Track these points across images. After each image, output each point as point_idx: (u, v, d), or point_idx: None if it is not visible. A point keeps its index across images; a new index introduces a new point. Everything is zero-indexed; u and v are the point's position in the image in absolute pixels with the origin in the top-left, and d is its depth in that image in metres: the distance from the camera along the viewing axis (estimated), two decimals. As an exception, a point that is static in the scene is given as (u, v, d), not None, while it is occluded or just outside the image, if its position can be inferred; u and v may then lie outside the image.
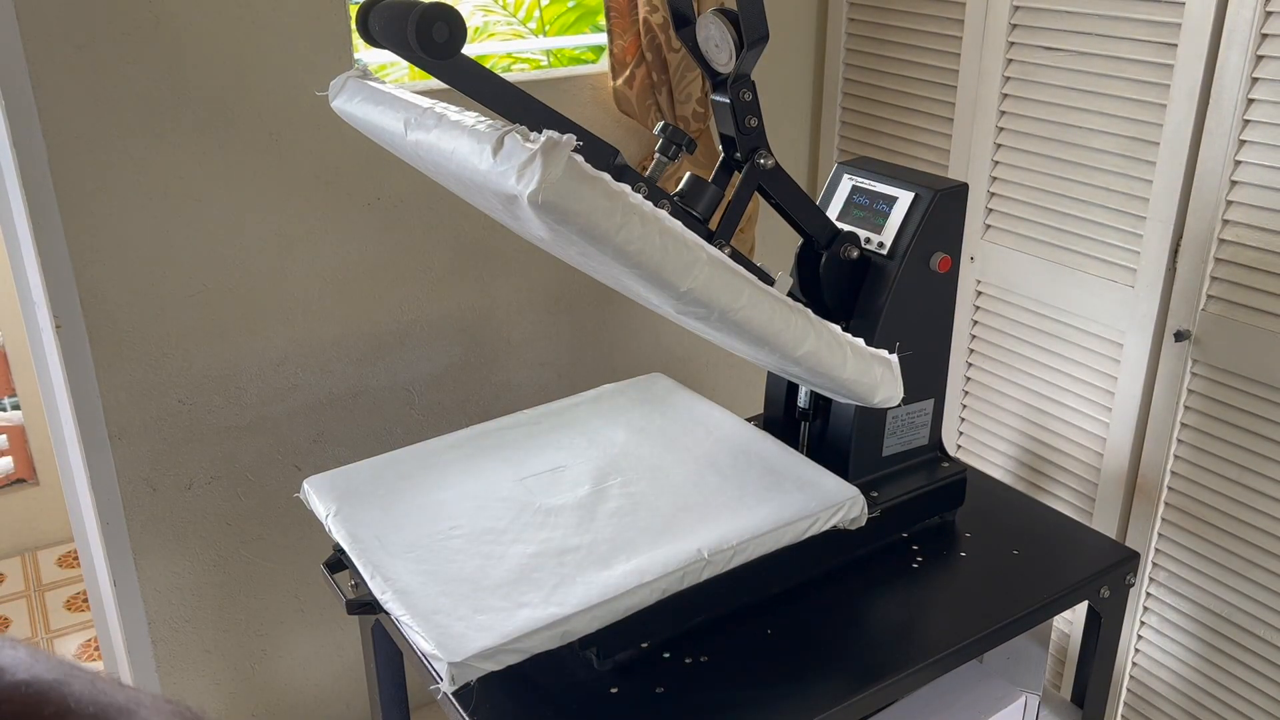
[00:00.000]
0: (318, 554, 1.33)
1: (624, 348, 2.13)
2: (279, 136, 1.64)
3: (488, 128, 0.90)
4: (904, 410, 1.30)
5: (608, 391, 1.50)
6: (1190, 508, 1.62)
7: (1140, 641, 1.75)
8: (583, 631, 1.03)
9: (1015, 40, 1.73)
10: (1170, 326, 1.59)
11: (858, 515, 1.21)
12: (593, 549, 1.13)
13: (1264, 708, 1.58)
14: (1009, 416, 1.90)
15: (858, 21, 2.07)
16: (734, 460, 1.30)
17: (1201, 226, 1.52)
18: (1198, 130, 1.50)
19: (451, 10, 0.87)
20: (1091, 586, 1.28)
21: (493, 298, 1.93)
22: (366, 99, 1.09)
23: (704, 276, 0.94)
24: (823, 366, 1.06)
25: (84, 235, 1.53)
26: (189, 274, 1.62)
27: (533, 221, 0.89)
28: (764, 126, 1.16)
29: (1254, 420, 1.51)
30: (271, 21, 1.58)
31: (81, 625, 2.47)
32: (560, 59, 3.11)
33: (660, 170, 1.13)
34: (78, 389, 1.58)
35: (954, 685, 1.27)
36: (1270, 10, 1.39)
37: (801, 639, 1.16)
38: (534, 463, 1.31)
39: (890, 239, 1.25)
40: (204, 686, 1.83)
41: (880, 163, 1.34)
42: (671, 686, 1.09)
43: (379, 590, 1.08)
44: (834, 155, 2.20)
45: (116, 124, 1.51)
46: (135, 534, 1.69)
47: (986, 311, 1.89)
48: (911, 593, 1.25)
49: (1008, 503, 1.44)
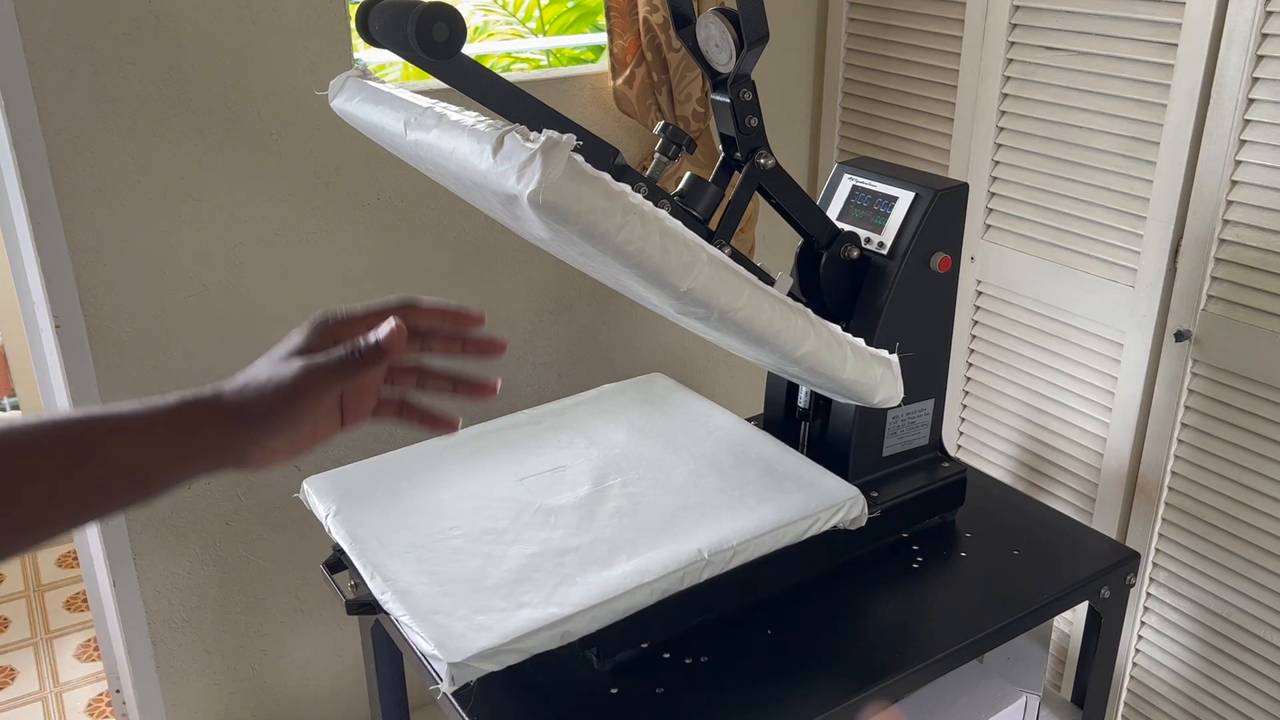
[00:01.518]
0: (318, 554, 1.33)
1: (624, 348, 2.13)
2: (279, 136, 1.64)
3: (488, 127, 0.90)
4: (904, 410, 1.30)
5: (608, 391, 1.50)
6: (1190, 508, 1.62)
7: (1140, 641, 1.75)
8: (583, 631, 1.03)
9: (1015, 40, 1.73)
10: (1170, 326, 1.59)
11: (858, 515, 1.21)
12: (593, 549, 1.13)
13: (1264, 708, 1.58)
14: (1009, 416, 1.90)
15: (858, 21, 2.07)
16: (734, 460, 1.30)
17: (1202, 226, 1.52)
18: (1198, 130, 1.50)
19: (451, 10, 0.87)
20: (1091, 586, 1.28)
21: (493, 298, 1.93)
22: (366, 99, 1.09)
23: (704, 276, 0.94)
24: (823, 366, 1.06)
25: (84, 235, 1.53)
26: (189, 274, 1.62)
27: (533, 221, 0.89)
28: (764, 126, 1.16)
29: (1254, 420, 1.51)
30: (271, 21, 1.58)
31: (81, 625, 2.47)
32: (560, 59, 3.11)
33: (660, 170, 1.13)
34: (78, 389, 1.58)
35: (954, 685, 1.27)
36: (1270, 10, 1.39)
37: (801, 639, 1.16)
38: (534, 463, 1.31)
39: (890, 239, 1.25)
40: (204, 686, 1.83)
41: (880, 163, 1.34)
42: (671, 686, 1.09)
43: (379, 590, 1.08)
44: (834, 155, 2.20)
45: (116, 124, 1.51)
46: (135, 534, 1.68)
47: (986, 311, 1.89)
48: (911, 593, 1.25)
49: (1008, 503, 1.44)
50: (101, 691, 2.26)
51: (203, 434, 0.65)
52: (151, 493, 0.64)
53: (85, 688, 2.28)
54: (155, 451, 0.63)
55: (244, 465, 0.67)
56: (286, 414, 0.66)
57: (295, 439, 0.68)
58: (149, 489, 0.64)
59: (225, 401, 0.66)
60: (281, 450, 0.68)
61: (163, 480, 0.64)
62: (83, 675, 2.31)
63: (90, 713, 2.21)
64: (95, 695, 2.25)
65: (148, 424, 0.63)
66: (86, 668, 2.34)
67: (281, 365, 0.68)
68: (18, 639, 2.44)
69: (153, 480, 0.64)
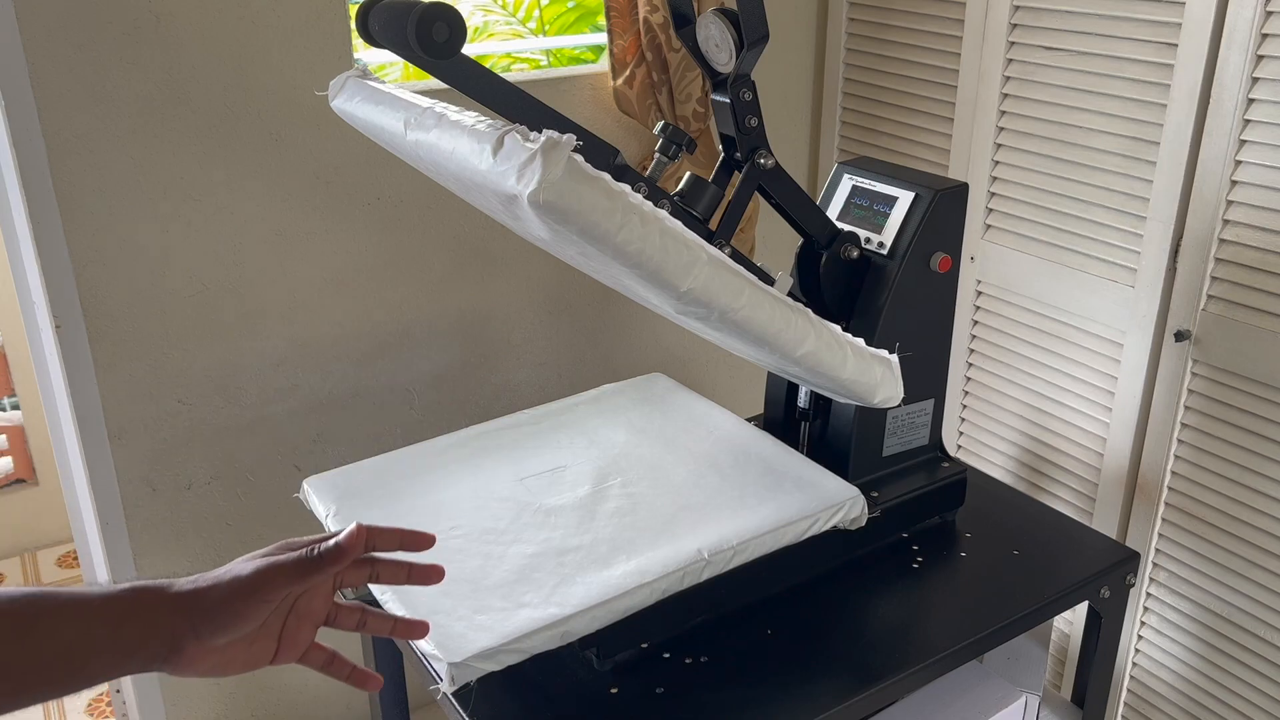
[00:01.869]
0: (318, 554, 1.33)
1: (624, 348, 2.13)
2: (279, 136, 1.64)
3: (488, 128, 0.90)
4: (904, 410, 1.30)
5: (608, 391, 1.50)
6: (1190, 508, 1.62)
7: (1140, 641, 1.75)
8: (583, 631, 1.03)
9: (1015, 40, 1.73)
10: (1170, 326, 1.59)
11: (858, 515, 1.21)
12: (593, 549, 1.13)
13: (1264, 708, 1.58)
14: (1009, 416, 1.90)
15: (858, 21, 2.07)
16: (734, 460, 1.30)
17: (1202, 226, 1.52)
18: (1198, 130, 1.50)
19: (451, 10, 0.87)
20: (1091, 586, 1.28)
21: (493, 298, 1.93)
22: (366, 99, 1.09)
23: (704, 276, 0.94)
24: (823, 366, 1.06)
25: (84, 235, 1.53)
26: (189, 274, 1.62)
27: (533, 221, 0.89)
28: (764, 126, 1.16)
29: (1254, 420, 1.51)
30: (271, 21, 1.58)
31: (81, 625, 2.46)
32: (560, 59, 3.11)
33: (660, 170, 1.13)
34: (77, 389, 1.58)
35: (954, 685, 1.27)
36: (1270, 10, 1.39)
37: (801, 639, 1.16)
38: (534, 463, 1.31)
39: (890, 239, 1.25)
40: (204, 686, 1.83)
41: (880, 163, 1.34)
42: (671, 686, 1.09)
43: (379, 590, 1.08)
44: (834, 155, 2.20)
45: (116, 124, 1.51)
46: (135, 534, 1.68)
47: (986, 311, 1.89)
48: (911, 593, 1.25)
49: (1008, 503, 1.44)
50: (101, 691, 2.26)
51: (147, 619, 0.66)
52: (86, 680, 0.64)
53: (85, 688, 2.28)
54: (102, 633, 0.64)
55: (174, 661, 0.67)
56: (239, 608, 0.68)
57: (230, 647, 0.68)
58: (85, 675, 0.64)
59: (177, 589, 0.68)
60: (215, 653, 0.68)
61: (99, 666, 0.64)
62: (83, 675, 2.31)
63: (90, 713, 2.21)
64: (95, 695, 2.25)
65: (100, 604, 0.64)
66: (86, 668, 2.33)
67: (241, 564, 0.70)
68: None
69: (91, 665, 0.64)
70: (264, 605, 0.69)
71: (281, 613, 0.72)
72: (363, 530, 0.73)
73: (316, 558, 0.71)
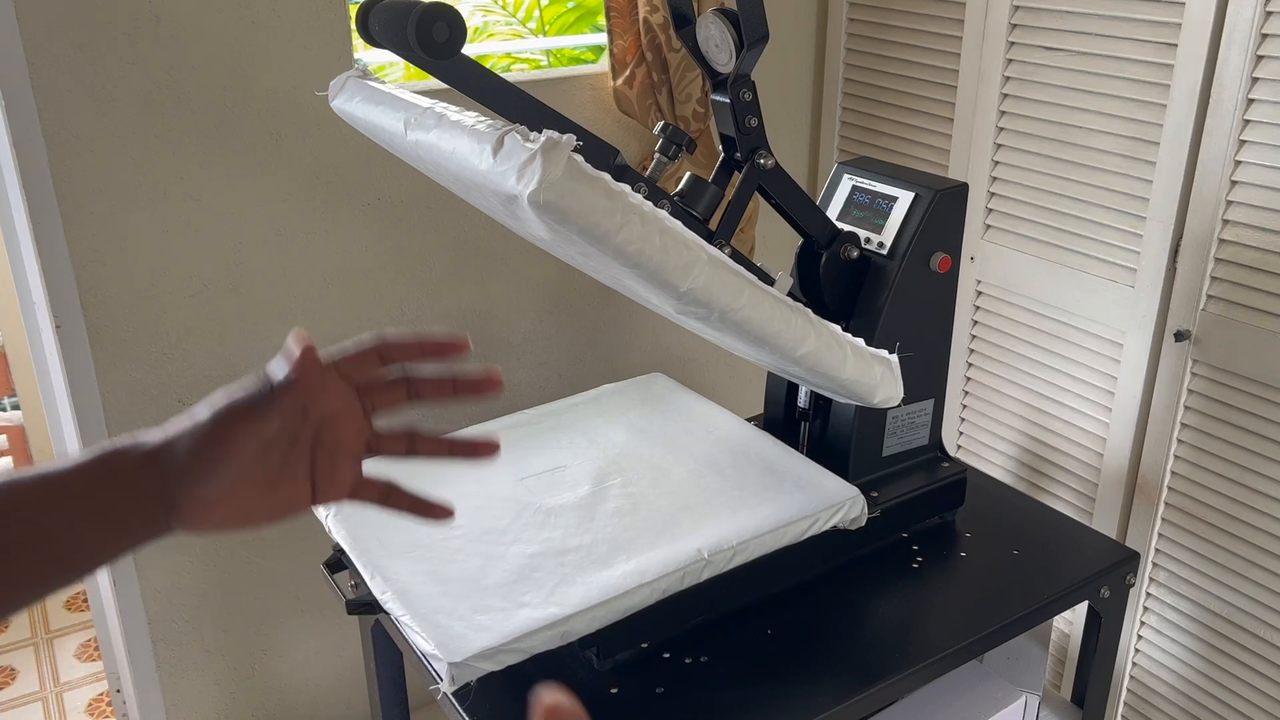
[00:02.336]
0: (318, 554, 1.33)
1: (624, 348, 2.13)
2: (279, 136, 1.64)
3: (488, 128, 0.90)
4: (904, 410, 1.30)
5: (608, 391, 1.50)
6: (1190, 508, 1.62)
7: (1140, 641, 1.75)
8: (583, 631, 1.03)
9: (1015, 40, 1.73)
10: (1170, 326, 1.59)
11: (858, 515, 1.21)
12: (593, 549, 1.13)
13: (1264, 708, 1.58)
14: (1009, 416, 1.90)
15: (858, 21, 2.07)
16: (734, 460, 1.30)
17: (1202, 226, 1.52)
18: (1198, 130, 1.50)
19: (451, 10, 0.87)
20: (1091, 586, 1.28)
21: (493, 298, 1.93)
22: (366, 99, 1.09)
23: (704, 276, 0.94)
24: (823, 366, 1.06)
25: (84, 235, 1.53)
26: (189, 274, 1.62)
27: (533, 221, 0.89)
28: (764, 126, 1.16)
29: (1254, 420, 1.51)
30: (271, 21, 1.58)
31: (81, 625, 2.47)
32: (560, 59, 3.11)
33: (660, 170, 1.13)
34: (78, 389, 1.58)
35: (954, 685, 1.27)
36: (1270, 10, 1.39)
37: (801, 639, 1.16)
38: (534, 463, 1.31)
39: (890, 239, 1.25)
40: (204, 686, 1.83)
41: (880, 163, 1.34)
42: (671, 686, 1.09)
43: (379, 590, 1.08)
44: (834, 155, 2.20)
45: (116, 124, 1.51)
46: (135, 534, 1.68)
47: (986, 311, 1.89)
48: (911, 593, 1.25)
49: (1008, 503, 1.44)
50: (102, 691, 2.26)
51: (123, 480, 0.59)
52: (84, 561, 0.59)
53: (85, 687, 2.28)
54: (79, 506, 0.58)
55: (177, 518, 0.60)
56: (208, 452, 0.60)
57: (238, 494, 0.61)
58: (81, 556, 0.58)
59: (147, 444, 0.60)
60: (220, 504, 0.60)
61: (91, 543, 0.58)
62: (83, 675, 2.32)
63: (90, 712, 2.21)
64: (95, 695, 2.25)
65: (71, 476, 0.58)
66: (87, 667, 2.34)
67: (204, 404, 0.63)
68: (18, 639, 2.44)
69: (82, 543, 0.58)
70: (233, 447, 0.60)
71: (303, 450, 0.63)
72: (310, 349, 0.64)
73: (269, 393, 0.62)
